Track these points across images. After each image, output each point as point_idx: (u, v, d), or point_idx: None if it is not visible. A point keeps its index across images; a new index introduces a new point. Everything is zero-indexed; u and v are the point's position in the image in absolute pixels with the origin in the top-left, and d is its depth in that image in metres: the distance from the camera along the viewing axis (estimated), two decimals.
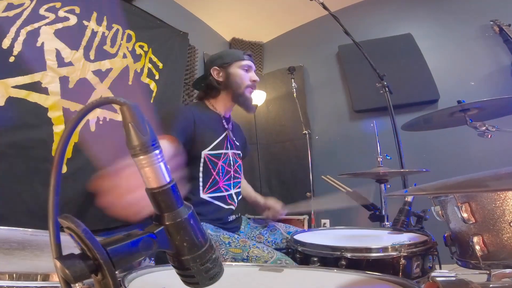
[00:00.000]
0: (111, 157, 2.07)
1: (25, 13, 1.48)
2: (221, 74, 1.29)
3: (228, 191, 1.25)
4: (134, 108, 0.32)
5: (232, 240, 1.01)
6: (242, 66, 1.29)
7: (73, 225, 0.29)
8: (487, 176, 0.58)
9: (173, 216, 0.34)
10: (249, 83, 1.29)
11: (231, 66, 1.29)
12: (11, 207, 1.33)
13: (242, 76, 1.28)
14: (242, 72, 1.29)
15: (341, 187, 1.38)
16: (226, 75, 1.29)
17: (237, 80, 1.28)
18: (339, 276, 0.65)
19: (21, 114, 1.42)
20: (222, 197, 1.22)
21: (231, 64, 1.29)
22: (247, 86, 1.29)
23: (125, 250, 0.31)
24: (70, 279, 0.28)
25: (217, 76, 1.29)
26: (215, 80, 1.29)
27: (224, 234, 1.05)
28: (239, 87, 1.28)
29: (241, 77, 1.28)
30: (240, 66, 1.29)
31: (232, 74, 1.28)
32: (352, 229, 1.19)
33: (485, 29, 2.37)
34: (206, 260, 0.36)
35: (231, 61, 1.29)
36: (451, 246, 0.86)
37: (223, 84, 1.29)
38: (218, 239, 1.02)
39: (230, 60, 1.29)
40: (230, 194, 1.25)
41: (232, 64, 1.29)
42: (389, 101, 1.69)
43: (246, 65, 1.30)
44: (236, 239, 1.02)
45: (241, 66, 1.29)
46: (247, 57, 1.32)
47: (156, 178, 0.33)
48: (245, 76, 1.29)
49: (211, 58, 1.36)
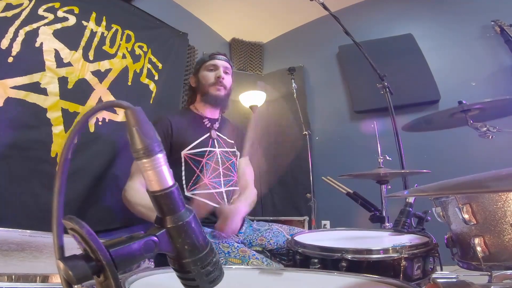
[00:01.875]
0: (111, 157, 2.07)
1: (24, 13, 1.47)
2: (194, 80, 1.41)
3: (217, 189, 1.26)
4: (138, 112, 0.32)
5: (232, 250, 1.01)
6: (206, 67, 1.38)
7: (77, 226, 0.29)
8: (489, 177, 0.58)
9: (175, 219, 0.34)
10: (212, 80, 1.35)
11: (200, 70, 1.39)
12: (9, 208, 1.32)
13: (207, 76, 1.36)
14: (207, 72, 1.37)
15: (341, 188, 1.38)
16: (196, 80, 1.40)
17: (203, 81, 1.37)
18: (339, 279, 0.65)
19: (20, 114, 1.41)
20: (209, 195, 1.23)
21: (199, 69, 1.39)
22: (211, 84, 1.35)
23: (127, 252, 0.31)
24: (73, 280, 0.28)
25: (192, 83, 1.42)
26: (191, 87, 1.42)
27: (224, 242, 1.05)
28: (204, 87, 1.36)
29: (206, 77, 1.36)
30: (205, 68, 1.38)
31: (200, 78, 1.38)
32: (353, 231, 1.19)
33: (486, 29, 2.36)
34: (206, 263, 0.36)
35: (199, 65, 1.40)
36: (452, 247, 0.86)
37: (196, 89, 1.40)
38: (217, 247, 1.02)
39: (199, 65, 1.41)
40: (220, 192, 1.26)
41: (200, 68, 1.39)
42: (390, 101, 1.69)
43: (210, 65, 1.37)
44: (235, 248, 1.02)
45: (206, 67, 1.38)
46: (214, 56, 1.38)
47: (158, 181, 0.33)
48: (209, 75, 1.36)
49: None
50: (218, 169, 1.28)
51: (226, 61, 1.40)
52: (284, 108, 3.16)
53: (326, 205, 2.62)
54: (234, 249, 1.01)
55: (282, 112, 3.19)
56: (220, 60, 1.38)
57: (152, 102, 2.13)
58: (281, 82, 3.20)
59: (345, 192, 1.37)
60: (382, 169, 1.36)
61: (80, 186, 1.58)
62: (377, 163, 1.42)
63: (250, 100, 2.88)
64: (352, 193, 1.36)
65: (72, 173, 1.55)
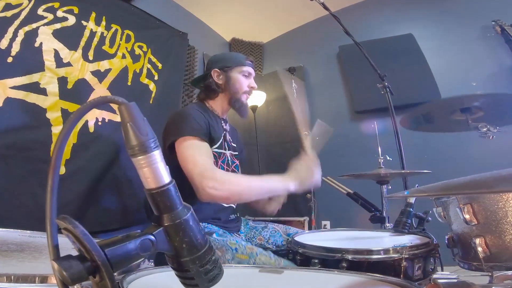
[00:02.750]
0: (110, 158, 2.07)
1: (23, 13, 1.46)
2: (221, 76, 1.31)
3: None
4: (132, 108, 0.32)
5: (239, 246, 1.00)
6: (243, 71, 1.31)
7: (71, 226, 0.29)
8: (490, 177, 0.58)
9: (172, 217, 0.34)
10: (247, 89, 1.31)
11: (232, 70, 1.30)
12: (9, 209, 1.32)
13: (242, 81, 1.30)
14: (242, 77, 1.31)
15: (341, 189, 1.38)
16: (226, 79, 1.30)
17: (236, 85, 1.29)
18: (339, 277, 0.64)
19: (19, 115, 1.40)
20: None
21: (232, 69, 1.30)
22: (245, 92, 1.31)
23: (123, 252, 0.31)
24: (68, 281, 0.28)
25: (217, 78, 1.30)
26: (215, 82, 1.30)
27: (231, 240, 1.04)
28: (237, 92, 1.30)
29: (241, 83, 1.30)
30: (241, 71, 1.31)
31: (232, 79, 1.30)
32: (353, 231, 1.19)
33: (487, 30, 2.36)
34: (205, 261, 0.36)
35: (233, 65, 1.31)
36: (453, 247, 0.85)
37: (222, 87, 1.30)
38: (224, 244, 1.01)
39: (232, 64, 1.31)
40: None
41: (233, 69, 1.30)
42: (390, 101, 1.68)
43: (247, 71, 1.32)
44: (243, 245, 1.01)
45: (242, 71, 1.31)
46: (249, 63, 1.34)
47: (155, 178, 0.33)
48: (244, 82, 1.31)
49: (213, 59, 1.37)
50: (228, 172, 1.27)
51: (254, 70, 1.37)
52: (284, 108, 3.15)
53: (326, 205, 2.62)
54: (241, 246, 1.01)
55: (282, 113, 3.19)
56: (252, 69, 1.35)
57: (152, 102, 2.13)
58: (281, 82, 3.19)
59: (346, 193, 1.37)
60: (383, 169, 1.36)
61: (79, 186, 1.57)
62: (377, 163, 1.42)
63: (250, 100, 2.87)
64: (353, 194, 1.35)
65: (71, 173, 1.54)
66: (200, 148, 1.10)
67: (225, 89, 1.30)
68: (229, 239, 1.04)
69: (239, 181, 1.08)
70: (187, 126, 1.10)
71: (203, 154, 1.09)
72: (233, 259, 0.96)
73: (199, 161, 1.05)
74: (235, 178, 1.13)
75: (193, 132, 1.09)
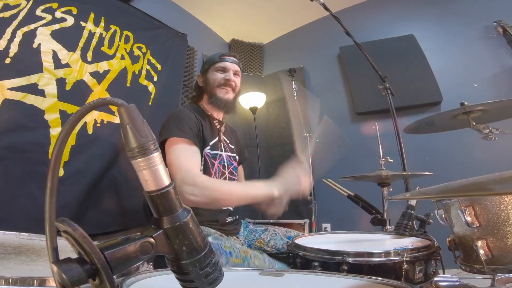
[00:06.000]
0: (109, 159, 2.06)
1: (22, 14, 1.46)
2: (202, 79, 1.37)
3: None
4: (131, 110, 0.32)
5: (233, 250, 1.00)
6: (216, 68, 1.34)
7: (70, 228, 0.29)
8: (491, 179, 0.57)
9: (172, 220, 0.34)
10: (221, 81, 1.31)
11: (209, 70, 1.35)
12: (7, 211, 1.31)
13: (215, 77, 1.33)
14: (217, 73, 1.33)
15: (342, 191, 1.37)
16: (204, 80, 1.36)
17: (210, 82, 1.33)
18: (340, 280, 0.64)
19: (18, 116, 1.40)
20: None
21: (209, 69, 1.35)
22: (219, 86, 1.32)
23: (123, 254, 0.31)
24: (67, 284, 0.28)
25: (199, 82, 1.38)
26: (198, 86, 1.38)
27: (226, 243, 1.04)
28: (212, 88, 1.32)
29: (214, 79, 1.32)
30: (215, 68, 1.34)
31: (208, 78, 1.34)
32: (354, 233, 1.18)
33: (489, 30, 2.35)
34: (205, 264, 0.36)
35: (208, 65, 1.36)
36: (454, 250, 0.85)
37: (203, 89, 1.36)
38: (219, 247, 1.01)
39: (208, 65, 1.36)
40: None
41: (209, 68, 1.35)
42: (391, 103, 1.68)
43: (220, 67, 1.34)
44: (237, 249, 1.01)
45: (216, 68, 1.34)
46: (224, 58, 1.35)
47: (154, 181, 0.33)
48: (217, 77, 1.33)
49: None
50: (225, 173, 1.27)
51: (236, 63, 1.37)
52: (285, 109, 3.15)
53: (327, 207, 2.61)
54: (235, 249, 1.01)
55: (282, 114, 3.19)
56: (230, 63, 1.34)
57: (151, 104, 2.12)
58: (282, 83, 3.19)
59: (346, 195, 1.36)
60: (384, 171, 1.35)
61: (78, 188, 1.57)
62: (378, 165, 1.41)
63: (250, 102, 2.88)
64: (353, 196, 1.35)
65: (70, 175, 1.54)
66: (186, 151, 1.10)
67: (206, 89, 1.35)
68: (224, 243, 1.04)
69: (220, 188, 1.07)
70: (176, 128, 1.11)
71: (189, 158, 1.09)
72: (228, 263, 0.96)
73: (182, 165, 1.05)
74: (217, 184, 1.11)
75: (181, 133, 1.10)
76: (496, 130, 1.11)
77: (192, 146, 1.11)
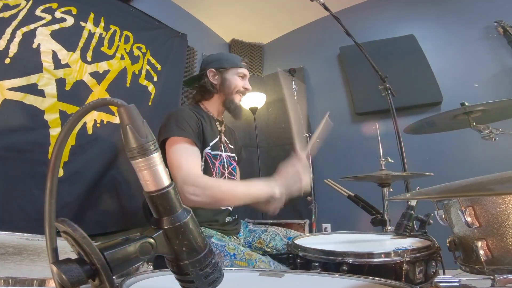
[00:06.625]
0: (109, 160, 2.05)
1: (21, 14, 1.46)
2: (217, 77, 1.31)
3: None
4: (131, 110, 0.32)
5: (238, 252, 1.00)
6: (238, 73, 1.32)
7: (70, 229, 0.29)
8: (492, 179, 0.57)
9: (172, 220, 0.34)
10: (241, 89, 1.31)
11: (228, 71, 1.31)
12: (6, 211, 1.31)
13: (236, 83, 1.31)
14: (237, 79, 1.31)
15: (342, 191, 1.37)
16: (221, 79, 1.31)
17: (231, 86, 1.30)
18: (340, 281, 0.64)
19: (17, 116, 1.40)
20: None
21: (228, 70, 1.31)
22: (238, 92, 1.31)
23: (123, 255, 0.31)
24: (67, 284, 0.28)
25: (212, 78, 1.31)
26: (210, 82, 1.31)
27: (230, 245, 1.04)
28: (232, 93, 1.30)
29: (235, 84, 1.30)
30: (236, 73, 1.32)
31: (227, 79, 1.30)
32: (354, 234, 1.18)
33: (489, 30, 2.35)
34: (205, 265, 0.36)
35: (229, 66, 1.31)
36: (454, 251, 0.85)
37: (217, 87, 1.31)
38: (223, 249, 1.01)
39: (228, 65, 1.31)
40: None
41: (229, 70, 1.31)
42: (392, 103, 1.68)
43: (242, 73, 1.32)
44: (241, 251, 1.01)
45: (238, 73, 1.32)
46: (244, 64, 1.34)
47: (154, 181, 0.33)
48: (239, 82, 1.31)
49: (208, 59, 1.37)
50: (224, 174, 1.27)
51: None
52: (285, 110, 3.15)
53: (327, 208, 2.61)
54: (240, 252, 1.00)
55: (282, 114, 3.19)
56: (247, 70, 1.35)
57: (151, 104, 2.12)
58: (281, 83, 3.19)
59: (346, 195, 1.36)
60: (384, 172, 1.35)
61: (78, 189, 1.57)
62: (378, 165, 1.41)
63: (250, 102, 2.88)
64: (353, 196, 1.35)
65: (70, 175, 1.54)
66: (187, 151, 1.09)
67: (220, 89, 1.31)
68: (228, 244, 1.04)
69: (221, 187, 1.07)
70: (176, 127, 1.10)
71: (189, 158, 1.08)
72: (232, 265, 0.96)
73: (183, 165, 1.04)
74: (218, 184, 1.11)
75: (182, 133, 1.09)
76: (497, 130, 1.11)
77: (192, 146, 1.11)
